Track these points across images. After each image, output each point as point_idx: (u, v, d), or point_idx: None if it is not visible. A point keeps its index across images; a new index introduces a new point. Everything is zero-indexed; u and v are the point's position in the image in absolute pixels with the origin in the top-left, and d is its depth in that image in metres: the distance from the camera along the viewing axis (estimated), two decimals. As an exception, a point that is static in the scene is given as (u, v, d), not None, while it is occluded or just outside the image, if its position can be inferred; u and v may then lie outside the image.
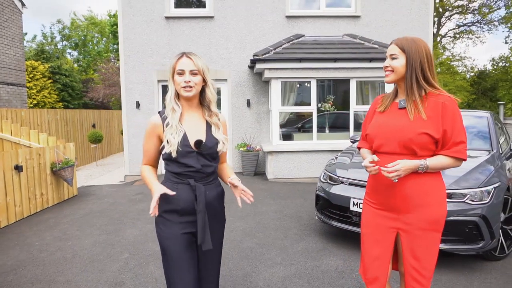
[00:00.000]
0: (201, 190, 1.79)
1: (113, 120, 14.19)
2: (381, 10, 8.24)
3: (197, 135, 1.81)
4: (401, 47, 1.82)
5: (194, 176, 1.80)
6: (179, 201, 1.79)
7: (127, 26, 7.99)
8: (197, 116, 1.88)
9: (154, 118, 1.86)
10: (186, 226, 1.81)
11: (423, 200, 1.79)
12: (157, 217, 1.84)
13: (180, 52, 1.83)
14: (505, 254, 3.51)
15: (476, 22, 27.59)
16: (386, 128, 1.86)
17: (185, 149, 1.77)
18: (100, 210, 5.52)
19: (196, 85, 1.79)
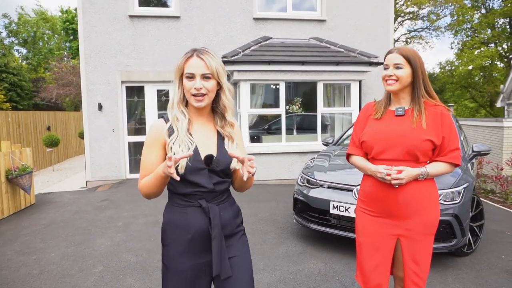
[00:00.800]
0: (215, 212, 1.51)
1: (70, 122, 13.44)
2: (345, 15, 8.48)
3: (208, 149, 1.53)
4: (406, 57, 1.87)
5: (205, 196, 1.51)
6: (190, 228, 1.50)
7: (87, 24, 7.58)
8: (208, 126, 1.60)
9: (157, 123, 1.55)
10: (200, 257, 1.53)
11: (422, 205, 1.86)
12: (162, 247, 1.58)
13: (190, 49, 1.53)
14: (472, 250, 3.73)
15: (425, 28, 29.32)
16: (387, 135, 1.89)
17: (195, 165, 1.47)
18: (64, 219, 5.19)
19: (209, 92, 1.50)
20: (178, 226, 1.52)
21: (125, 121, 8.00)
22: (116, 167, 7.87)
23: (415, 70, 1.89)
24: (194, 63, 1.49)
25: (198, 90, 1.48)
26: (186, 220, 1.51)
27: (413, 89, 1.93)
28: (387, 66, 1.93)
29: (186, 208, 1.52)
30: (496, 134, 10.82)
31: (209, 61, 1.49)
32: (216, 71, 1.50)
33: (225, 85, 1.57)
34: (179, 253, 1.52)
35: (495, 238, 4.24)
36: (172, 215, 1.55)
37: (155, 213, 5.30)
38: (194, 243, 1.51)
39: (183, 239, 1.51)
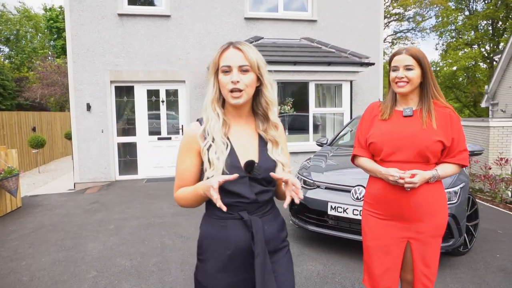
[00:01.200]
0: (259, 226, 1.34)
1: (55, 123, 13.14)
2: (336, 16, 8.50)
3: (248, 154, 1.37)
4: (416, 57, 1.85)
5: (247, 207, 1.36)
6: (229, 243, 1.35)
7: (75, 23, 7.41)
8: (248, 128, 1.43)
9: (191, 128, 1.40)
10: (238, 273, 1.37)
11: (433, 208, 1.85)
12: (198, 262, 1.44)
13: (226, 42, 1.38)
14: (467, 249, 3.76)
15: (411, 29, 29.78)
16: (396, 136, 1.87)
17: (234, 173, 1.31)
18: (52, 223, 5.04)
19: (248, 87, 1.34)
20: (216, 240, 1.38)
21: (114, 121, 7.84)
22: (105, 168, 7.71)
23: (425, 71, 1.88)
24: (231, 54, 1.33)
25: (235, 84, 1.31)
26: (226, 234, 1.36)
27: (421, 89, 1.91)
28: (396, 67, 1.89)
29: (225, 220, 1.37)
30: (483, 134, 11.02)
31: (247, 52, 1.33)
32: (256, 62, 1.34)
33: (267, 80, 1.39)
34: (217, 270, 1.38)
35: (489, 237, 4.29)
36: (210, 228, 1.41)
37: (147, 215, 5.20)
38: (234, 259, 1.36)
39: (222, 255, 1.37)
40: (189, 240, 4.20)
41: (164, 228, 4.64)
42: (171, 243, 4.12)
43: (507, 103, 15.28)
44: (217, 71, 1.37)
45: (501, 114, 15.28)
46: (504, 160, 6.92)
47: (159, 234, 4.42)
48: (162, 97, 8.07)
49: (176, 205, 5.70)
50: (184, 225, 4.76)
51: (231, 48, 1.34)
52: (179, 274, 3.34)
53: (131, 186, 7.25)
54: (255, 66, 1.34)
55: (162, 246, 4.05)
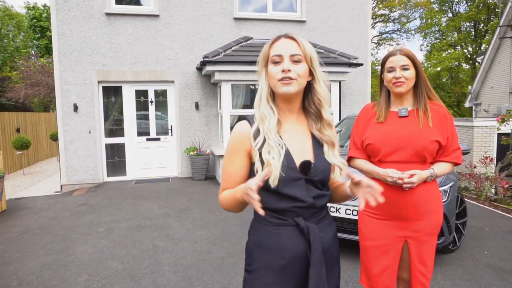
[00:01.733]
0: (316, 233, 1.25)
1: (40, 124, 12.86)
2: (325, 17, 8.56)
3: (303, 154, 1.28)
4: (410, 57, 1.88)
5: (302, 213, 1.26)
6: (284, 252, 1.25)
7: (62, 22, 7.27)
8: (300, 126, 1.34)
9: (241, 126, 1.30)
10: (290, 284, 1.27)
11: (430, 207, 1.88)
12: (246, 274, 1.33)
13: (277, 35, 1.31)
14: (456, 247, 3.84)
15: (396, 30, 30.25)
16: (394, 137, 1.89)
17: (289, 175, 1.22)
18: (40, 226, 4.94)
19: (300, 77, 1.23)
20: (269, 249, 1.27)
21: (102, 122, 7.73)
22: (93, 170, 7.59)
23: (418, 71, 1.91)
24: (282, 44, 1.26)
25: (286, 73, 1.22)
26: (280, 242, 1.25)
27: (415, 89, 1.94)
28: (393, 68, 1.91)
29: (279, 227, 1.26)
30: (467, 133, 11.26)
31: (301, 41, 1.26)
32: (308, 53, 1.26)
33: (319, 74, 1.29)
34: (269, 283, 1.27)
35: (476, 234, 4.38)
36: (262, 236, 1.30)
37: (137, 217, 5.14)
38: (288, 270, 1.26)
39: (275, 265, 1.26)
40: (181, 242, 4.17)
41: (155, 230, 4.59)
42: (163, 245, 4.08)
43: (489, 103, 15.65)
44: (266, 63, 1.29)
45: (484, 114, 15.65)
46: (489, 159, 7.07)
47: (150, 236, 4.38)
48: (150, 98, 7.99)
49: (166, 206, 5.66)
50: (175, 226, 4.72)
51: (282, 38, 1.28)
52: (172, 276, 3.32)
53: (120, 187, 7.16)
54: (308, 57, 1.26)
55: (154, 248, 4.01)
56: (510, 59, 14.03)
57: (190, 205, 5.75)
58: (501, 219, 5.07)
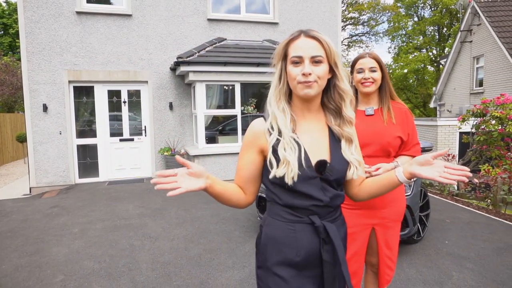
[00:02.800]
0: (335, 232, 1.27)
1: (5, 125, 12.37)
2: (296, 19, 8.78)
3: (319, 153, 1.27)
4: (377, 60, 2.06)
5: (318, 211, 1.26)
6: (299, 249, 1.25)
7: (29, 20, 7.08)
8: (318, 124, 1.32)
9: (257, 123, 1.30)
10: (307, 285, 1.28)
11: (394, 195, 2.06)
12: (259, 271, 1.32)
13: (296, 30, 1.27)
14: (420, 238, 4.10)
15: (365, 33, 31.14)
16: (361, 134, 2.04)
17: (305, 173, 1.21)
18: (10, 229, 4.82)
19: (320, 79, 1.22)
20: (284, 245, 1.26)
21: (73, 123, 7.58)
22: (64, 171, 7.43)
23: (384, 73, 2.09)
24: (302, 44, 1.22)
25: (307, 77, 1.20)
26: (295, 239, 1.25)
27: (380, 90, 2.12)
28: (362, 69, 2.08)
29: (294, 224, 1.25)
30: (432, 132, 11.85)
31: (323, 40, 1.22)
32: (330, 51, 1.23)
33: (341, 71, 1.27)
34: (284, 279, 1.26)
35: (438, 226, 4.68)
36: (276, 231, 1.28)
37: (112, 218, 5.12)
38: (302, 267, 1.27)
39: (290, 262, 1.26)
40: (157, 240, 4.21)
41: (131, 230, 4.60)
42: (140, 244, 4.11)
43: (452, 104, 16.49)
44: (284, 60, 1.28)
45: (448, 114, 16.48)
46: (451, 156, 7.51)
47: (126, 236, 4.39)
48: (123, 98, 7.91)
49: (141, 207, 5.66)
50: (151, 225, 4.75)
51: (302, 37, 1.24)
52: (150, 273, 3.37)
53: (93, 189, 7.06)
54: (330, 56, 1.23)
55: (130, 247, 4.03)
56: (469, 62, 14.86)
57: (165, 205, 5.77)
58: (461, 211, 5.43)
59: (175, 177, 1.12)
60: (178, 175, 1.13)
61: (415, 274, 3.29)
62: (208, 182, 1.19)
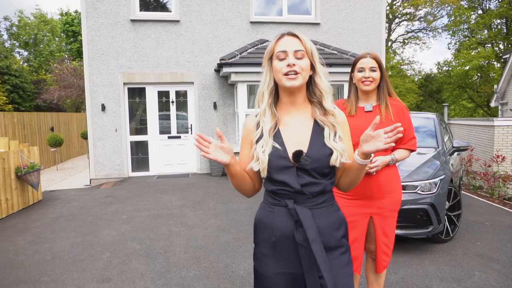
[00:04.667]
0: (306, 215, 1.33)
1: (72, 123, 13.76)
2: (338, 19, 8.81)
3: (299, 144, 1.37)
4: (377, 60, 2.22)
5: (294, 197, 1.36)
6: (274, 229, 1.38)
7: (91, 28, 7.91)
8: (302, 117, 1.43)
9: (248, 119, 1.47)
10: (285, 266, 1.38)
11: (391, 187, 2.20)
12: (254, 246, 1.49)
13: (280, 33, 1.42)
14: (450, 237, 4.05)
15: (422, 29, 29.69)
16: (360, 129, 2.19)
17: (281, 163, 1.34)
18: (71, 213, 5.50)
19: (303, 70, 1.35)
20: (265, 225, 1.42)
21: (127, 121, 8.32)
22: (119, 165, 8.19)
23: (383, 72, 2.23)
24: (286, 41, 1.37)
25: (291, 67, 1.33)
26: (272, 220, 1.39)
27: (379, 88, 2.26)
28: (362, 69, 2.24)
29: (273, 206, 1.40)
30: (487, 133, 11.14)
31: (303, 38, 1.37)
32: (310, 49, 1.38)
33: (319, 68, 1.41)
34: (264, 255, 1.42)
35: (474, 227, 4.55)
36: (261, 213, 1.46)
37: (157, 207, 5.62)
38: (279, 248, 1.38)
39: (268, 241, 1.40)
40: (193, 228, 4.59)
41: (171, 218, 5.05)
42: (177, 231, 4.52)
43: (516, 103, 15.26)
44: (270, 59, 1.41)
45: (511, 114, 15.28)
46: (501, 157, 7.11)
47: (166, 223, 4.83)
48: (172, 98, 8.51)
49: (183, 199, 6.12)
50: (189, 216, 5.16)
51: (286, 36, 1.39)
52: (182, 255, 3.74)
53: (143, 182, 7.71)
54: (309, 52, 1.37)
55: (169, 233, 4.45)
56: (536, 57, 13.67)
57: (205, 197, 6.18)
58: (505, 215, 5.19)
59: (209, 144, 1.31)
60: (212, 144, 1.31)
61: (434, 271, 3.31)
62: (232, 161, 1.35)
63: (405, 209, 3.57)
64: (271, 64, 1.41)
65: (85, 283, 3.17)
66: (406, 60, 31.53)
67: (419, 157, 4.23)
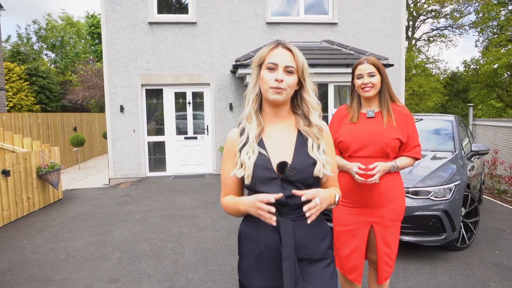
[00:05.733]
0: (288, 228, 1.31)
1: (94, 123, 14.14)
2: (356, 18, 8.66)
3: (283, 155, 1.35)
4: (376, 65, 2.16)
5: (278, 209, 1.31)
6: (259, 241, 1.37)
7: (110, 31, 8.10)
8: (286, 128, 1.42)
9: (230, 134, 1.44)
10: (269, 277, 1.37)
11: (392, 196, 2.14)
12: (239, 260, 1.48)
13: (275, 41, 1.40)
14: (466, 245, 3.90)
15: (448, 26, 28.78)
16: (361, 135, 2.16)
17: (265, 175, 1.33)
18: (88, 212, 5.65)
19: (289, 87, 1.35)
20: (249, 237, 1.42)
21: (145, 122, 8.47)
22: (137, 165, 8.35)
23: (383, 77, 2.17)
24: (279, 53, 1.35)
25: (279, 82, 1.32)
26: (257, 232, 1.38)
27: (380, 93, 2.20)
28: (361, 75, 2.19)
29: (257, 220, 1.32)
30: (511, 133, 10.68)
31: (297, 54, 1.36)
32: (301, 65, 1.36)
33: (308, 84, 1.40)
34: (249, 268, 1.42)
35: (494, 235, 4.37)
36: (245, 225, 1.45)
37: (170, 208, 5.69)
38: (263, 260, 1.38)
39: (253, 253, 1.40)
40: (204, 230, 4.62)
41: (183, 219, 5.10)
42: (188, 232, 4.56)
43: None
44: (260, 66, 1.39)
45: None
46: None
47: (178, 224, 4.88)
48: (188, 99, 8.60)
49: (197, 200, 6.17)
50: (202, 217, 5.19)
51: (280, 47, 1.36)
52: (191, 257, 3.76)
53: (159, 182, 7.83)
54: (300, 69, 1.36)
55: (179, 234, 4.50)
56: None
57: (219, 199, 6.15)
58: (529, 222, 4.96)
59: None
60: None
61: (446, 281, 3.19)
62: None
63: (417, 215, 3.47)
64: (259, 71, 1.39)
65: (94, 283, 3.24)
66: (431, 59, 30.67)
67: (435, 161, 4.10)
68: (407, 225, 3.50)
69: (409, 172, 3.72)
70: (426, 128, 5.12)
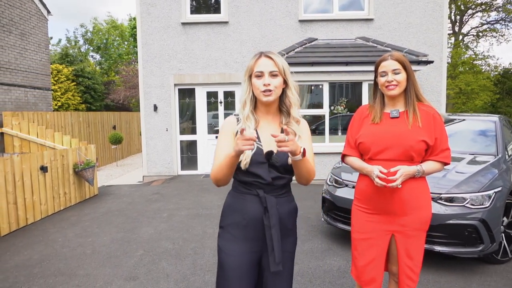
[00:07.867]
0: (272, 203, 1.61)
1: (133, 122, 14.63)
2: (394, 13, 8.26)
3: (271, 145, 1.58)
4: (401, 62, 1.99)
5: (263, 187, 1.62)
6: (246, 213, 1.64)
7: (145, 32, 8.30)
8: (274, 124, 1.71)
9: (228, 118, 1.74)
10: (252, 245, 1.65)
11: (416, 203, 1.95)
12: (220, 229, 1.74)
13: (258, 52, 1.67)
14: (508, 258, 3.56)
15: (500, 19, 26.90)
16: (384, 137, 1.99)
17: (257, 159, 1.60)
18: (119, 209, 5.81)
19: (276, 88, 1.62)
20: (235, 210, 1.67)
21: (178, 121, 8.61)
22: (169, 163, 8.50)
23: (409, 74, 1.99)
24: (263, 62, 1.62)
25: (267, 86, 1.59)
26: (244, 206, 1.64)
27: (406, 92, 2.02)
28: (385, 73, 2.01)
29: (245, 195, 1.65)
30: None
31: (277, 60, 1.62)
32: (282, 69, 1.62)
33: (291, 83, 1.67)
34: (234, 236, 1.66)
35: (542, 248, 3.95)
36: (233, 200, 1.70)
37: (196, 207, 5.72)
38: (248, 230, 1.64)
39: (239, 224, 1.65)
40: (228, 230, 4.58)
41: (208, 219, 5.09)
42: (211, 232, 4.54)
43: None
44: (250, 76, 1.66)
45: None
46: None
47: (203, 224, 4.88)
48: (220, 98, 8.64)
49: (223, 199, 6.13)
50: (227, 217, 5.16)
51: (262, 57, 1.63)
52: (210, 258, 3.73)
53: (190, 180, 7.92)
54: (282, 72, 1.62)
55: (203, 234, 4.49)
56: None
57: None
58: None
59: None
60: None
61: (482, 297, 2.91)
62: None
63: (450, 224, 3.21)
64: (250, 80, 1.67)
65: (113, 280, 3.29)
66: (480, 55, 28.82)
67: (473, 165, 3.78)
68: (440, 234, 3.24)
69: (443, 177, 3.45)
70: (467, 129, 4.76)
